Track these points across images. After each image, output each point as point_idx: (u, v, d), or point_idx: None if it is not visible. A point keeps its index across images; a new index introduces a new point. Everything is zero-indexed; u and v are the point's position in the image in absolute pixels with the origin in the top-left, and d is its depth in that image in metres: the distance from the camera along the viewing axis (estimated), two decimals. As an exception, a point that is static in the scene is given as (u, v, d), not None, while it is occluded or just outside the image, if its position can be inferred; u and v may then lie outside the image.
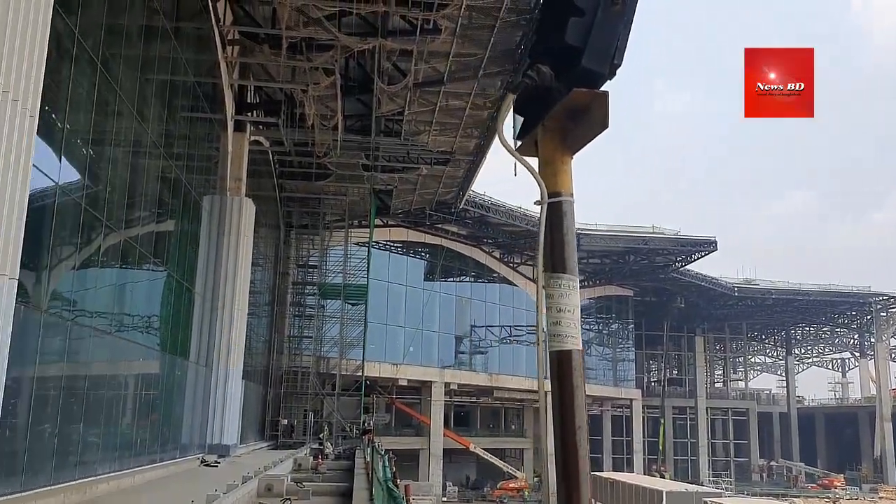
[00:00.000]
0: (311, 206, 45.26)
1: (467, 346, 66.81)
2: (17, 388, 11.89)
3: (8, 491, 11.21)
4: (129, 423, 18.74)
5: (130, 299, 19.45)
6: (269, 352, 43.05)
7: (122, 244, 18.01)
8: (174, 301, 23.01)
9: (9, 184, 9.43)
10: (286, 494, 14.62)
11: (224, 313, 26.89)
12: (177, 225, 23.50)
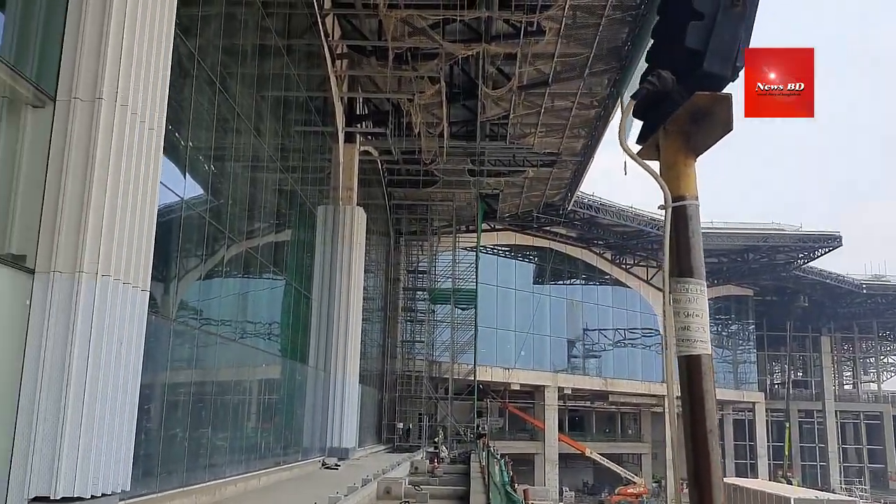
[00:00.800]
0: (420, 212, 45.88)
1: (580, 349, 65.92)
2: (150, 394, 12.59)
3: (144, 492, 11.88)
4: (254, 426, 19.51)
5: (252, 307, 20.28)
6: (383, 356, 43.88)
7: (243, 254, 18.82)
8: (293, 308, 23.82)
9: (139, 200, 10.01)
10: (404, 497, 14.85)
11: (340, 319, 27.65)
12: (293, 235, 24.34)
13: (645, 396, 66.10)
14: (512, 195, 45.64)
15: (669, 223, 4.23)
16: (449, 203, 44.86)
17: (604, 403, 67.78)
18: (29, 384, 8.75)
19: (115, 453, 9.43)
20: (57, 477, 8.55)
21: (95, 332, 9.00)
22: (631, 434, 73.47)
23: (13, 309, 8.67)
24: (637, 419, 73.19)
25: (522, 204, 48.51)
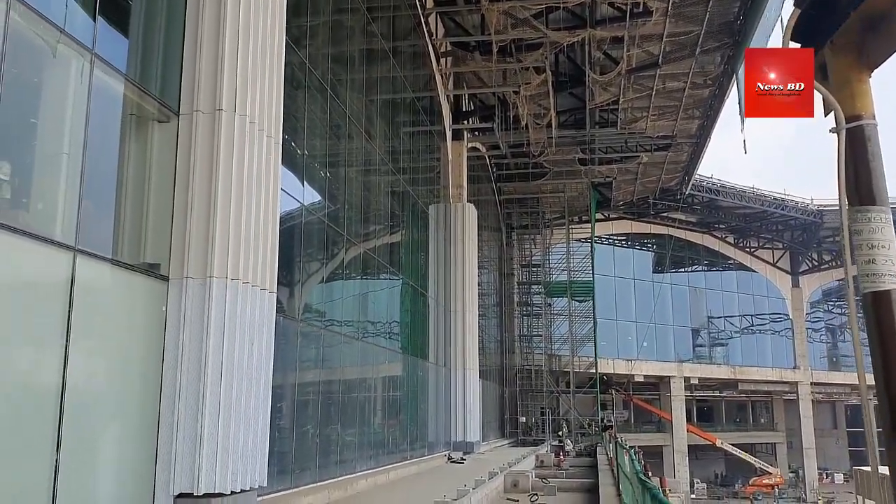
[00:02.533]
0: (530, 205, 45.61)
1: (705, 338, 63.85)
2: (282, 393, 13.04)
3: (280, 487, 12.31)
4: (380, 422, 19.93)
5: (372, 306, 20.71)
6: (502, 351, 43.89)
7: (361, 256, 19.25)
8: (411, 306, 24.17)
9: (262, 206, 10.37)
10: (532, 490, 14.77)
11: (457, 315, 27.88)
12: (407, 234, 24.70)
13: (777, 384, 63.33)
14: (626, 182, 44.68)
15: (843, 147, 3.87)
16: (560, 194, 44.38)
17: (733, 392, 65.39)
18: (168, 387, 9.20)
19: (252, 450, 9.80)
20: (198, 475, 8.95)
21: (228, 334, 9.38)
22: (763, 423, 70.56)
23: (150, 315, 9.16)
24: (769, 407, 70.24)
25: (637, 191, 47.40)
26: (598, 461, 20.87)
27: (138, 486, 8.77)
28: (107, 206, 9.02)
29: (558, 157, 35.67)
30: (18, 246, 7.13)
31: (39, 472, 7.19)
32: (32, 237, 7.35)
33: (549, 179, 40.61)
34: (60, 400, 7.47)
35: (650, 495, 5.46)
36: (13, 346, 7.12)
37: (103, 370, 8.38)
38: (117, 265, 8.71)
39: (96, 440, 8.18)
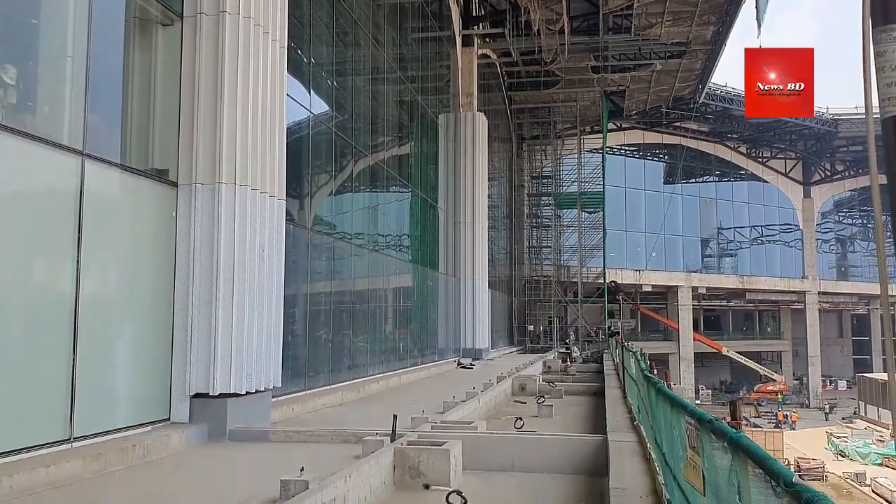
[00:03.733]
0: (542, 115, 45.03)
1: (714, 248, 64.01)
2: (295, 301, 13.25)
3: (294, 389, 12.66)
4: (391, 330, 20.30)
5: (383, 218, 20.77)
6: (511, 262, 44.18)
7: (370, 167, 19.20)
8: (421, 217, 24.24)
9: (268, 111, 10.31)
10: (539, 393, 15.11)
11: (466, 227, 27.98)
12: (417, 145, 24.52)
13: (785, 293, 63.81)
14: (638, 91, 43.95)
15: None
16: (572, 104, 43.77)
17: (741, 302, 65.99)
18: (181, 292, 9.37)
19: (266, 354, 10.04)
20: (213, 376, 9.20)
21: (238, 240, 9.48)
22: (770, 332, 71.39)
23: (160, 221, 9.24)
24: (776, 317, 70.94)
25: (650, 100, 46.66)
26: (604, 367, 21.27)
27: (155, 386, 9.04)
28: (113, 111, 8.98)
29: (570, 64, 34.99)
30: (27, 150, 7.16)
31: (58, 373, 7.42)
32: (40, 141, 7.36)
33: (560, 88, 39.95)
34: (75, 304, 7.63)
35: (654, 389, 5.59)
36: (27, 251, 7.23)
37: (115, 275, 8.51)
38: (126, 170, 8.74)
39: (111, 343, 8.39)
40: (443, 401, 11.79)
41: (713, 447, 2.83)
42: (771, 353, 68.92)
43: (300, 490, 5.50)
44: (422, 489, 6.88)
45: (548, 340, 42.80)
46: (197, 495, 6.26)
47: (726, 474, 2.63)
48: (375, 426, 8.93)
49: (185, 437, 8.64)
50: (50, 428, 7.27)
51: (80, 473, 6.85)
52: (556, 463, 7.72)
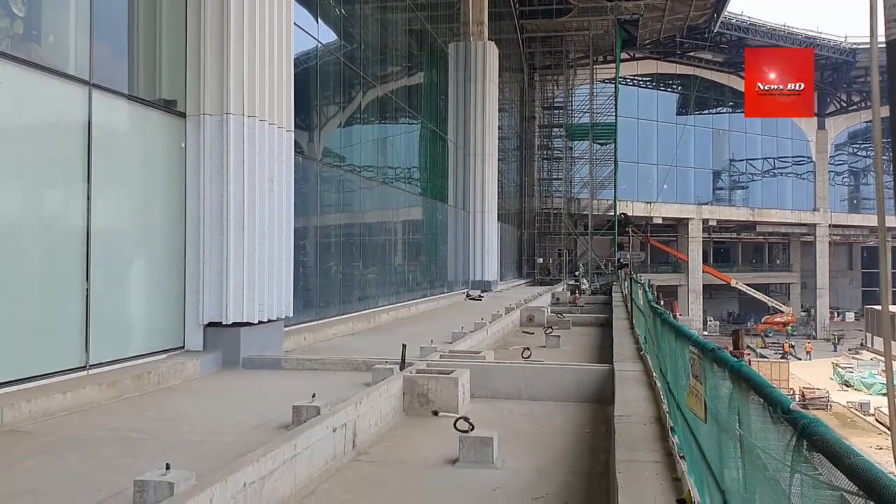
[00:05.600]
0: (554, 44, 44.21)
1: (726, 181, 63.54)
2: (305, 233, 13.33)
3: (306, 319, 12.85)
4: (401, 262, 20.44)
5: (392, 150, 20.67)
6: (521, 195, 44.06)
7: (379, 99, 19.01)
8: (430, 149, 24.10)
9: (275, 41, 10.18)
10: (547, 324, 15.26)
11: (476, 159, 27.83)
12: (426, 76, 24.20)
13: (795, 226, 63.59)
14: (652, 20, 43.00)
15: None
16: (585, 33, 42.90)
17: (751, 234, 65.85)
18: (192, 223, 9.43)
19: (277, 284, 10.16)
20: (226, 305, 9.34)
21: (248, 171, 9.48)
22: (779, 264, 71.47)
23: (169, 152, 9.23)
24: (786, 249, 70.91)
25: (664, 29, 45.69)
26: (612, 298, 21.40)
27: (169, 315, 9.19)
28: (119, 41, 8.89)
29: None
30: (34, 80, 7.12)
31: (72, 303, 7.55)
32: (46, 70, 7.31)
33: (573, 16, 39.13)
34: (87, 235, 7.70)
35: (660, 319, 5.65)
36: (38, 181, 7.26)
37: (126, 206, 8.57)
38: (134, 101, 8.69)
39: (124, 273, 8.49)
40: (451, 331, 11.95)
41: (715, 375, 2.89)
42: (779, 285, 69.11)
43: (312, 415, 5.64)
44: (430, 415, 7.04)
45: (557, 273, 42.98)
46: (211, 420, 6.43)
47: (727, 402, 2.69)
48: (385, 355, 9.08)
49: (199, 364, 8.82)
50: (66, 355, 7.44)
51: (96, 399, 7.03)
52: (563, 391, 7.87)
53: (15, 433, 5.90)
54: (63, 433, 5.94)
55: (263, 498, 4.16)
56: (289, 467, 4.53)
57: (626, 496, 3.67)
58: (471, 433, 5.50)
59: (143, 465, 4.54)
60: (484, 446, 5.34)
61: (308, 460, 4.83)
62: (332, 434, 5.31)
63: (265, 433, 5.82)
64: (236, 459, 4.27)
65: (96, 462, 5.12)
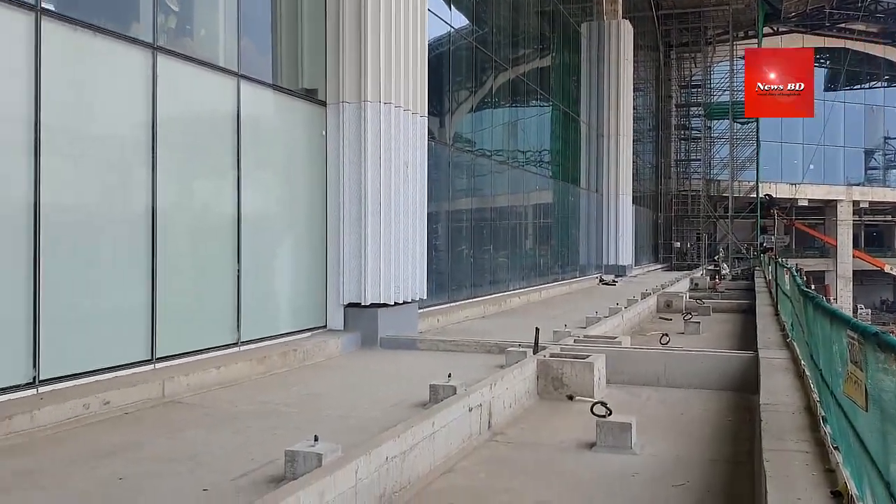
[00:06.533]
0: (691, 21, 42.53)
1: (879, 160, 59.18)
2: (437, 217, 13.52)
3: (438, 301, 13.06)
4: (532, 246, 20.38)
5: (523, 133, 20.60)
6: (657, 177, 42.85)
7: (511, 81, 18.96)
8: (562, 132, 23.83)
9: (411, 30, 10.36)
10: (686, 310, 14.81)
11: (610, 140, 27.30)
12: (558, 57, 23.90)
13: (959, 208, 58.63)
14: (799, -9, 40.61)
15: None
16: (724, 7, 41.01)
17: (909, 217, 61.21)
18: (332, 208, 9.79)
19: (412, 267, 10.38)
20: (364, 287, 9.64)
21: (384, 156, 9.72)
22: (941, 249, 66.13)
23: (311, 139, 9.59)
24: (950, 233, 65.51)
25: (811, 0, 43.02)
26: (755, 284, 20.48)
27: (311, 295, 9.59)
28: (263, 34, 9.31)
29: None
30: (188, 73, 7.57)
31: (224, 283, 8.03)
32: (199, 63, 7.76)
33: (712, -10, 37.49)
34: (237, 219, 8.15)
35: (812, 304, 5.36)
36: (193, 169, 7.74)
37: (271, 192, 8.98)
38: (278, 90, 9.09)
39: (271, 256, 8.93)
40: (585, 316, 11.82)
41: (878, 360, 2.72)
42: (941, 272, 63.96)
43: (448, 395, 5.74)
44: (565, 399, 7.00)
45: (695, 257, 41.58)
46: (353, 396, 6.67)
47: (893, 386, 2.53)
48: (517, 338, 9.11)
49: (340, 343, 9.16)
50: (219, 333, 7.91)
51: (247, 374, 7.44)
52: (703, 378, 7.63)
53: (175, 404, 6.34)
54: (217, 405, 6.33)
55: (404, 472, 4.28)
56: (427, 444, 4.64)
57: (774, 486, 3.53)
58: (608, 418, 5.44)
59: (291, 436, 4.77)
60: (622, 431, 5.27)
61: (445, 438, 4.92)
62: (468, 414, 5.38)
63: (404, 410, 5.98)
64: (379, 434, 4.41)
65: (249, 433, 5.43)
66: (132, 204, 6.88)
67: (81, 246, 6.39)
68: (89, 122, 6.47)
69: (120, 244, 6.77)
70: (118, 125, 6.76)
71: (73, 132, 6.29)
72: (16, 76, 5.76)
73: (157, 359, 6.99)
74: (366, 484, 3.83)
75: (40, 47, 5.90)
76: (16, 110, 5.75)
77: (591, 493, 4.47)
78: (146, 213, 6.96)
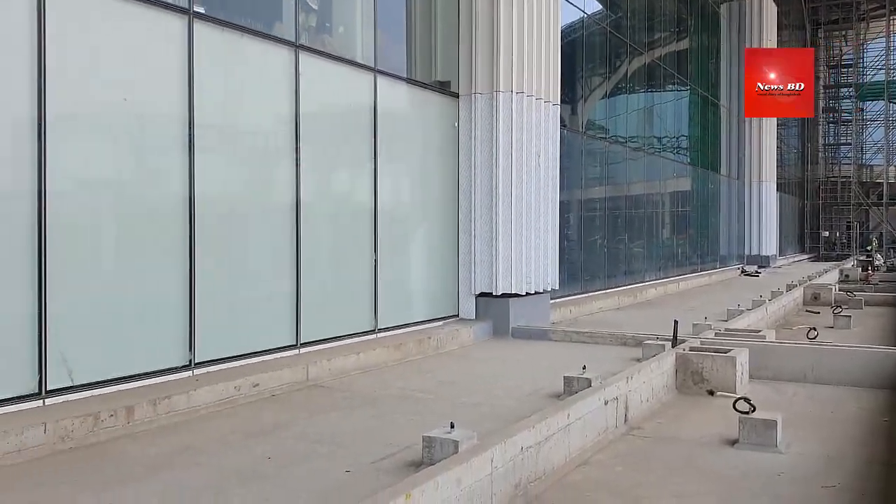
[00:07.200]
0: (841, -4, 39.94)
1: None
2: (569, 206, 13.38)
3: (571, 292, 12.93)
4: (669, 235, 19.82)
5: (659, 119, 20.02)
6: (803, 162, 40.60)
7: (646, 66, 18.47)
8: (700, 117, 22.98)
9: (543, 18, 10.28)
10: (835, 303, 13.97)
11: (751, 125, 26.12)
12: (696, 39, 23.03)
13: None
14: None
15: None
16: (880, -21, 38.28)
17: None
18: (464, 198, 9.89)
19: (544, 257, 10.33)
20: (495, 277, 9.69)
21: (515, 146, 9.71)
22: None
23: (443, 130, 9.72)
24: None
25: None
26: (914, 276, 19.06)
27: (444, 285, 9.74)
28: (398, 29, 9.51)
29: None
30: (329, 69, 7.84)
31: (363, 271, 8.29)
32: (339, 60, 8.02)
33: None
34: (374, 210, 8.39)
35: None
36: (334, 162, 8.02)
37: (405, 183, 9.19)
38: (412, 84, 9.26)
39: (405, 246, 9.14)
40: (725, 308, 11.39)
41: None
42: None
43: (583, 387, 5.69)
44: (704, 394, 6.78)
45: (844, 247, 39.14)
46: (487, 385, 6.73)
47: None
48: (653, 331, 8.90)
49: (472, 332, 9.26)
50: (359, 320, 8.19)
51: (384, 361, 7.66)
52: (855, 375, 7.18)
53: (317, 388, 6.62)
54: (356, 389, 6.55)
55: (539, 463, 4.28)
56: (562, 436, 4.61)
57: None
58: (752, 414, 5.22)
59: (427, 422, 4.87)
60: (767, 429, 5.04)
61: (580, 430, 4.88)
62: (603, 407, 5.31)
63: (537, 401, 5.98)
64: (514, 423, 4.43)
65: (386, 417, 5.59)
66: (277, 196, 7.22)
67: (231, 237, 6.77)
68: (237, 118, 6.82)
69: (266, 235, 7.11)
70: (263, 121, 7.10)
71: (222, 129, 6.65)
72: (172, 77, 6.14)
73: (302, 344, 7.32)
74: (501, 472, 3.86)
75: (193, 48, 6.26)
76: (172, 109, 6.14)
77: (732, 491, 4.31)
78: (291, 205, 7.28)
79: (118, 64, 5.71)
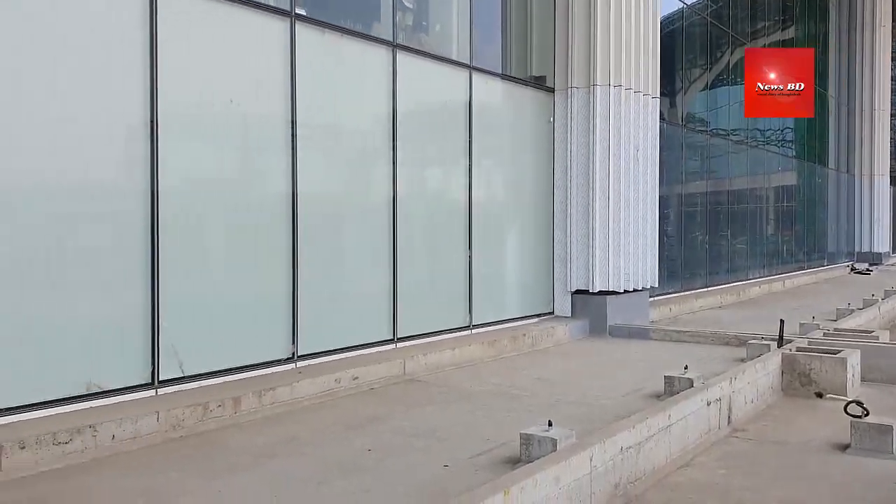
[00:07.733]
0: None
1: None
2: (668, 201, 13.07)
3: (670, 290, 12.63)
4: (773, 232, 19.10)
5: (762, 110, 19.29)
6: (920, 154, 38.34)
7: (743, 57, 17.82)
8: (807, 108, 22.01)
9: (641, 9, 10.06)
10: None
11: (863, 115, 24.87)
12: (802, 27, 22.06)
13: None
14: None
15: None
16: None
17: None
18: (559, 193, 9.80)
19: (642, 253, 10.13)
20: (592, 273, 9.56)
21: (613, 140, 9.55)
22: None
23: (538, 126, 9.66)
24: None
25: None
26: None
27: (539, 282, 9.68)
28: (494, 26, 9.49)
29: None
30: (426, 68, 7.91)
31: (458, 265, 8.35)
32: (436, 58, 8.08)
33: None
34: (468, 206, 8.42)
35: None
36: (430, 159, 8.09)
37: (500, 179, 9.17)
38: (507, 80, 9.23)
39: (499, 242, 9.12)
40: (835, 307, 10.91)
41: None
42: None
43: (684, 387, 5.55)
44: (812, 397, 6.50)
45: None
46: (584, 383, 6.66)
47: None
48: (757, 330, 8.62)
49: (568, 329, 9.17)
50: (453, 316, 8.24)
51: (479, 357, 7.69)
52: (981, 381, 6.75)
53: (414, 382, 6.70)
54: (452, 385, 6.60)
55: (639, 463, 4.21)
56: (663, 436, 4.51)
57: None
58: (865, 419, 4.98)
59: (524, 419, 4.86)
60: (881, 434, 4.80)
61: (682, 431, 4.76)
62: (706, 407, 5.17)
63: (637, 400, 5.88)
64: (613, 423, 4.37)
65: (482, 413, 5.61)
66: (375, 194, 7.34)
67: (331, 234, 6.92)
68: (337, 117, 6.96)
69: (364, 232, 7.24)
70: (362, 120, 7.23)
71: (323, 128, 6.80)
72: (275, 78, 6.32)
73: (399, 339, 7.42)
74: (600, 472, 3.81)
75: (295, 50, 6.43)
76: (276, 110, 6.32)
77: (843, 498, 4.13)
78: (388, 202, 7.39)
79: (224, 66, 5.91)
